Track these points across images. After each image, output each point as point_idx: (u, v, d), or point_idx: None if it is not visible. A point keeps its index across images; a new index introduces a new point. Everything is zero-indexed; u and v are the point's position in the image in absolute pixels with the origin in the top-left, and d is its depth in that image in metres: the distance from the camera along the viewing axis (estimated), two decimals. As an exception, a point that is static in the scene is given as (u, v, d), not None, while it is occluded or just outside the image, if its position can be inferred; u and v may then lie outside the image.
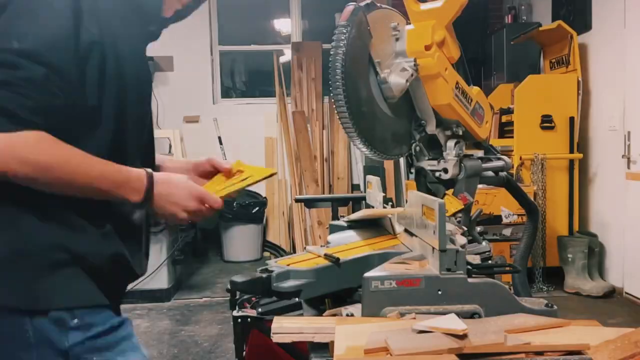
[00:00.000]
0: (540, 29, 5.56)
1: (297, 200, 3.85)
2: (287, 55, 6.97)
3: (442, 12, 1.42)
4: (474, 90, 1.53)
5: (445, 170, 1.48)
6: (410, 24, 1.47)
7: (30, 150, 1.07)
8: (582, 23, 5.36)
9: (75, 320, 1.15)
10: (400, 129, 1.54)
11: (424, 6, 1.45)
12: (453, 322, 1.06)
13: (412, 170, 1.61)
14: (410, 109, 1.53)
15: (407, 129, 1.55)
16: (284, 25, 7.22)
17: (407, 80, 1.42)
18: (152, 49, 1.38)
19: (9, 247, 1.13)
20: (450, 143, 1.50)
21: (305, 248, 1.61)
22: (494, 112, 1.63)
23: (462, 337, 1.02)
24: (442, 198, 1.45)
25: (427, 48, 1.39)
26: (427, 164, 1.54)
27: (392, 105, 1.49)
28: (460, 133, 1.51)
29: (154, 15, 1.32)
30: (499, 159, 1.60)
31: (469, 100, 1.49)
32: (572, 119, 5.20)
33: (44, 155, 1.08)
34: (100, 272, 1.19)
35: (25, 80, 1.06)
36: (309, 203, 3.49)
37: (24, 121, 1.06)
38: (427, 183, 1.55)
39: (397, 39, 1.48)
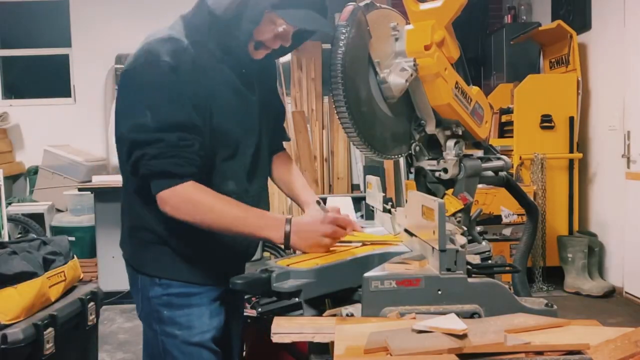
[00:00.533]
0: (540, 28, 5.56)
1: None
2: (287, 55, 6.96)
3: (442, 12, 1.41)
4: (474, 90, 1.53)
5: (445, 170, 1.48)
6: (409, 23, 1.47)
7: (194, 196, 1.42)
8: (582, 23, 5.36)
9: (160, 280, 1.54)
10: (399, 129, 1.53)
11: (423, 6, 1.45)
12: (453, 322, 1.06)
13: (412, 170, 1.61)
14: (409, 109, 1.53)
15: (406, 129, 1.54)
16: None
17: (406, 80, 1.41)
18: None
19: (130, 223, 1.60)
20: (450, 143, 1.49)
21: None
22: (493, 111, 1.62)
23: (462, 337, 1.02)
24: (441, 198, 1.45)
25: (427, 48, 1.39)
26: (427, 164, 1.54)
27: (391, 105, 1.49)
28: (460, 133, 1.50)
29: (247, 61, 1.50)
30: (498, 158, 1.60)
31: (469, 100, 1.49)
32: (571, 119, 5.20)
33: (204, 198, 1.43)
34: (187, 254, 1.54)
35: (170, 146, 1.38)
36: None
37: (181, 175, 1.40)
38: (426, 183, 1.54)
39: (396, 39, 1.47)
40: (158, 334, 1.54)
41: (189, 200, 1.40)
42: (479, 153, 1.60)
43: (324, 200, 1.90)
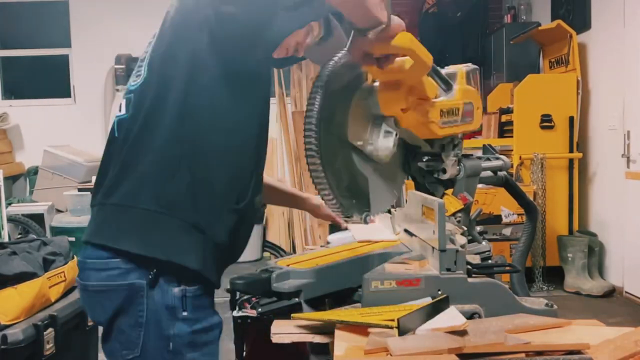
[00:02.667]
0: (540, 28, 5.56)
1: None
2: (286, 56, 6.97)
3: (409, 77, 1.28)
4: (457, 93, 1.45)
5: (444, 171, 1.48)
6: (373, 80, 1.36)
7: None
8: (582, 22, 5.36)
9: (184, 311, 1.24)
10: (389, 178, 1.47)
11: (388, 74, 1.29)
12: (453, 318, 1.06)
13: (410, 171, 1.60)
14: (396, 155, 1.46)
15: (397, 172, 1.49)
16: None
17: (394, 145, 1.33)
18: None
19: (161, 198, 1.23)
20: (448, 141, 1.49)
21: (304, 248, 1.61)
22: (480, 91, 1.55)
23: (462, 334, 1.02)
24: (441, 198, 1.45)
25: (405, 110, 1.30)
26: (426, 164, 1.54)
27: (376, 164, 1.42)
28: (458, 137, 1.50)
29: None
30: (497, 158, 1.59)
31: (456, 112, 1.44)
32: (571, 119, 5.20)
33: None
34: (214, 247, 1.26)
35: None
36: None
37: None
38: (425, 183, 1.54)
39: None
40: None
41: None
42: (478, 153, 1.60)
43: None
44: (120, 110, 1.32)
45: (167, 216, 1.22)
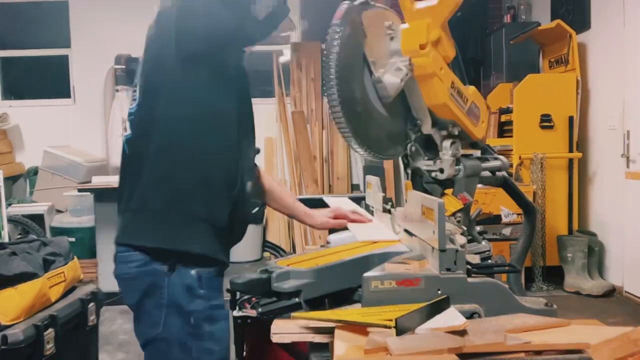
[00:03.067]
0: (539, 28, 5.56)
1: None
2: (286, 56, 6.97)
3: (437, 10, 1.40)
4: (470, 90, 1.52)
5: (442, 171, 1.48)
6: (405, 22, 1.46)
7: None
8: (581, 22, 5.36)
9: (200, 286, 1.45)
10: (395, 129, 1.53)
11: (419, 4, 1.44)
12: (452, 318, 1.06)
13: (408, 171, 1.61)
14: (405, 108, 1.52)
15: (402, 129, 1.54)
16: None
17: (401, 80, 1.41)
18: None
19: (165, 198, 1.45)
20: (446, 143, 1.49)
21: (304, 248, 1.62)
22: (490, 112, 1.61)
23: (462, 334, 1.02)
24: (439, 198, 1.45)
25: (422, 47, 1.38)
26: (423, 164, 1.54)
27: (387, 105, 1.48)
28: (456, 133, 1.50)
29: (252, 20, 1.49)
30: (496, 158, 1.59)
31: (465, 100, 1.48)
32: (571, 118, 5.20)
33: None
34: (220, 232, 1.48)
35: None
36: (309, 205, 3.41)
37: None
38: (423, 183, 1.54)
39: (391, 38, 1.47)
40: (193, 351, 1.44)
41: None
42: (477, 153, 1.60)
43: (320, 200, 1.90)
44: (125, 131, 1.55)
45: (172, 212, 1.44)
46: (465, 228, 1.45)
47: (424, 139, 1.55)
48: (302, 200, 3.01)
